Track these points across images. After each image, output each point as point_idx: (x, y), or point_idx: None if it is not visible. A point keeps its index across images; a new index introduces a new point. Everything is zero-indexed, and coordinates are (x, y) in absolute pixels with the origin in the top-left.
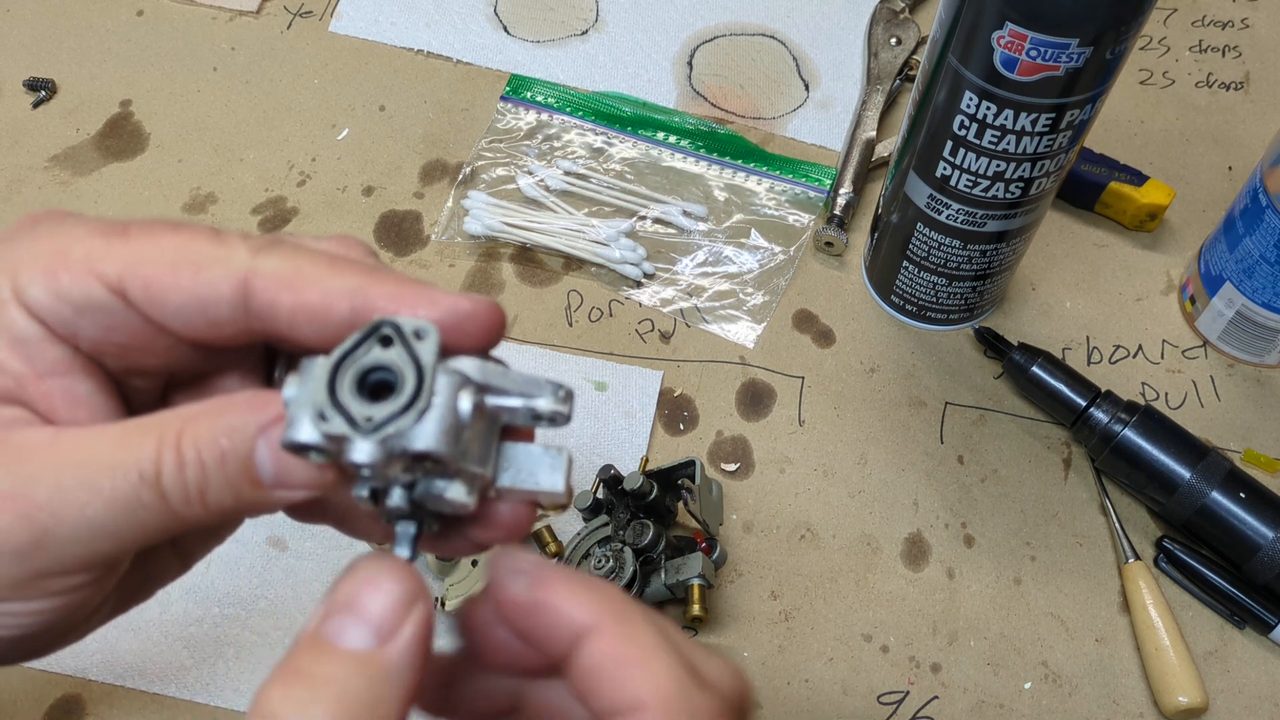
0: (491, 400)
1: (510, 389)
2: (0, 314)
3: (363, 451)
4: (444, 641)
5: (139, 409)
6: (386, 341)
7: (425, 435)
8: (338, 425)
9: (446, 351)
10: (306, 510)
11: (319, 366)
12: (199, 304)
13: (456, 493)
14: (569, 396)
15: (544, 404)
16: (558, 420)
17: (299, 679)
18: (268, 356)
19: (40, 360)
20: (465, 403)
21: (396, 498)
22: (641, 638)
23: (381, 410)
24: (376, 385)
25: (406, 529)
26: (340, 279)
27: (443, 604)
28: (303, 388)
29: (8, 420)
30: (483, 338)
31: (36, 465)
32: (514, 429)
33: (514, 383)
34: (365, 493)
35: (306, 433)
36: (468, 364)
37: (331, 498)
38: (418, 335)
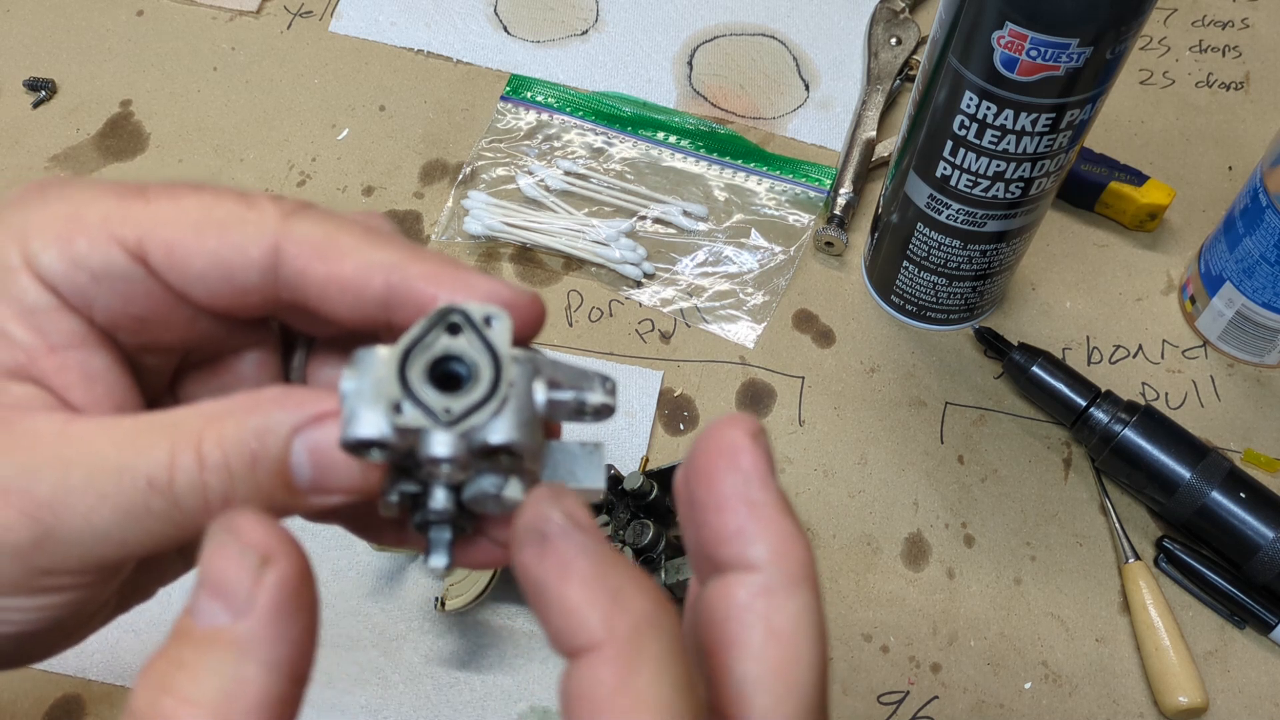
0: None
1: (563, 381)
2: (10, 282)
3: (443, 444)
4: (442, 641)
5: (149, 390)
6: (454, 329)
7: (504, 427)
8: (414, 418)
9: None
10: (325, 512)
11: (382, 356)
12: (225, 269)
13: (514, 490)
14: (614, 389)
15: (594, 397)
16: (603, 414)
17: (169, 667)
18: (284, 340)
19: (53, 332)
20: (540, 393)
21: (440, 500)
22: (640, 685)
23: (460, 401)
24: (443, 377)
25: (441, 534)
26: (376, 252)
27: (442, 604)
28: (363, 379)
29: (18, 400)
30: (523, 329)
31: (42, 457)
32: (547, 424)
33: (566, 375)
34: (396, 499)
35: (372, 427)
36: (521, 354)
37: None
38: (488, 322)
